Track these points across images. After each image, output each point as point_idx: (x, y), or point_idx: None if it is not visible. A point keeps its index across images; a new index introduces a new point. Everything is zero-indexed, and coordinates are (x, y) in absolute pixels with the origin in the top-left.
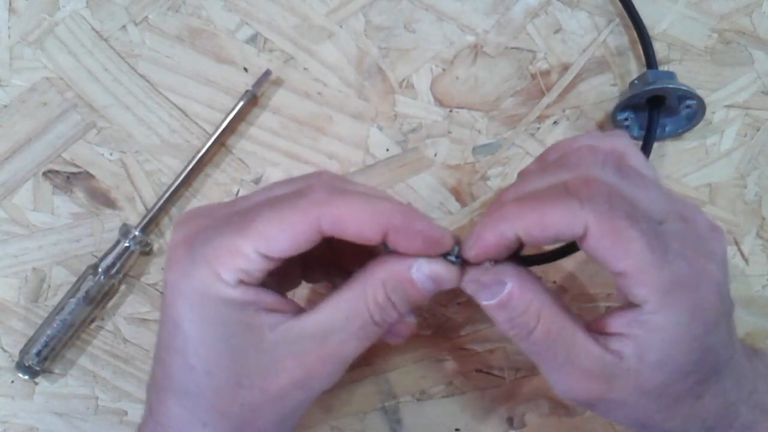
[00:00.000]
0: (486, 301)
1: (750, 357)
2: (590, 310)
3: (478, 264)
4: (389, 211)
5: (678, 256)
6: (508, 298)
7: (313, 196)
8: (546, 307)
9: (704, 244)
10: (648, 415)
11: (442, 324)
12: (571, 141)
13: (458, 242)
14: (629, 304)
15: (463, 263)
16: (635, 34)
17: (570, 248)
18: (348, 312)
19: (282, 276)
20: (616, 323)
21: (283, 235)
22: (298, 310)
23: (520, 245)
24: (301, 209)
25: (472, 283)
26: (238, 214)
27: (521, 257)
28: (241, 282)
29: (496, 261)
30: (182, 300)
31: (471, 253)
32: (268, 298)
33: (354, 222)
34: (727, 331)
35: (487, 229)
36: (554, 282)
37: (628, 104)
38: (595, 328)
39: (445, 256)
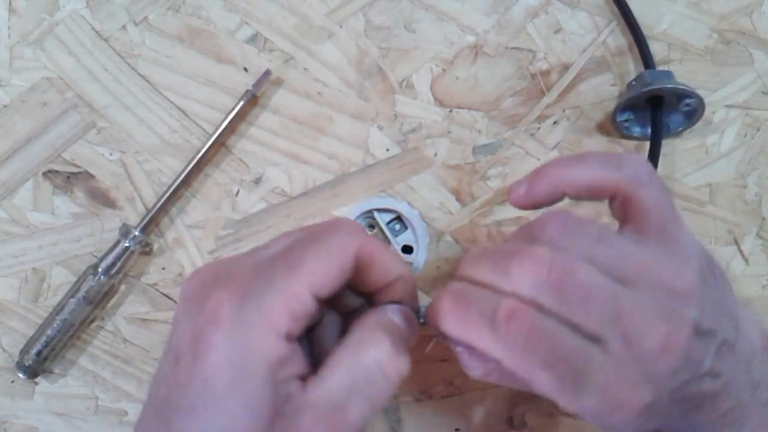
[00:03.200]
0: (452, 346)
1: (749, 363)
2: None
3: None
4: (402, 262)
5: (594, 390)
6: (462, 358)
7: (350, 228)
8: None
9: (643, 367)
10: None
11: None
12: (567, 170)
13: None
14: None
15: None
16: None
17: None
18: (354, 374)
19: None
20: None
21: (334, 268)
22: (310, 373)
23: None
24: (343, 239)
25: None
26: (282, 257)
27: None
28: (288, 336)
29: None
30: (222, 359)
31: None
32: (299, 357)
33: (383, 259)
34: (681, 410)
35: (440, 320)
36: None
37: (628, 106)
38: None
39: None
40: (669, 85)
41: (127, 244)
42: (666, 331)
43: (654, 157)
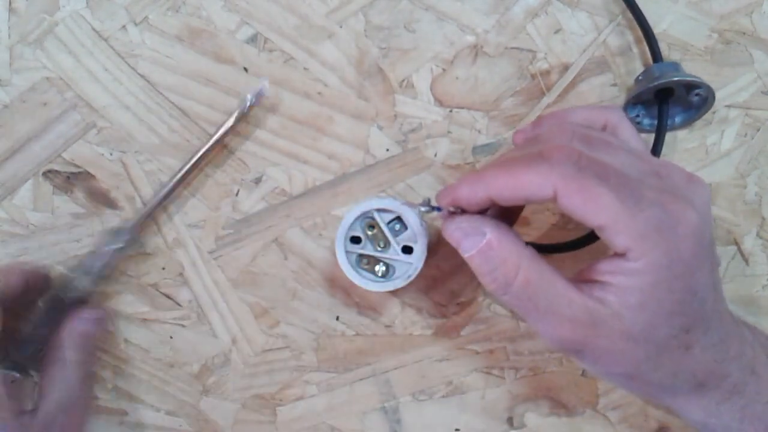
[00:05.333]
0: (467, 252)
1: (738, 324)
2: None
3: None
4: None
5: (652, 203)
6: (487, 247)
7: None
8: (525, 258)
9: (682, 192)
10: (635, 363)
11: (442, 324)
12: (566, 112)
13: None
14: (615, 254)
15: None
16: (635, 34)
17: (588, 239)
18: (60, 392)
19: None
20: (600, 271)
21: None
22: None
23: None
24: None
25: (457, 230)
26: None
27: (538, 245)
28: None
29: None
30: None
31: (443, 201)
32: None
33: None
34: (711, 279)
35: (462, 184)
36: None
37: (637, 101)
38: (581, 278)
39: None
40: (676, 78)
41: (116, 246)
42: (685, 170)
43: (657, 151)
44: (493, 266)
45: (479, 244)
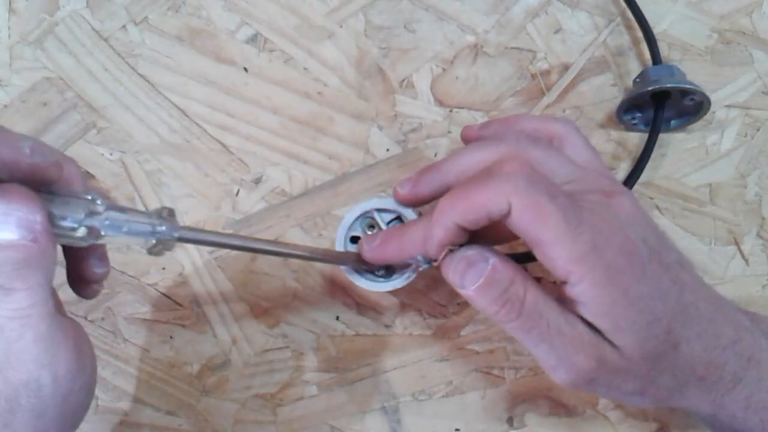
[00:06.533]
0: (475, 283)
1: (731, 311)
2: None
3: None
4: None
5: (589, 226)
6: (493, 271)
7: None
8: (526, 278)
9: (608, 207)
10: (641, 377)
11: (442, 324)
12: (517, 118)
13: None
14: (561, 284)
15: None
16: (635, 34)
17: None
18: None
19: None
20: (568, 295)
21: None
22: None
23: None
24: None
25: (456, 268)
26: None
27: (516, 255)
28: None
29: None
30: None
31: (435, 253)
32: None
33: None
34: (667, 275)
35: (433, 228)
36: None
37: (633, 104)
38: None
39: (415, 268)
40: (670, 84)
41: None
42: (610, 184)
43: (647, 154)
44: (503, 288)
45: (485, 270)
